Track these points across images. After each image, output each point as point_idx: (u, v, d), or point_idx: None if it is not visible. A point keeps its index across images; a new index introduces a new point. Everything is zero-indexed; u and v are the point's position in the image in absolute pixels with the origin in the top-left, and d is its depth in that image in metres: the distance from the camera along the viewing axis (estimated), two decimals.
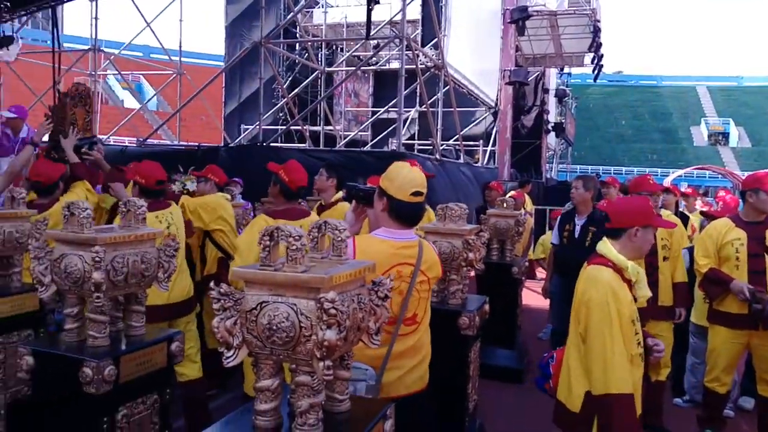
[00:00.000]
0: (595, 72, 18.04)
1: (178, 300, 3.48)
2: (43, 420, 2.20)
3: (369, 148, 14.53)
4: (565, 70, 23.57)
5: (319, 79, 14.68)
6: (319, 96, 14.23)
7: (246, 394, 3.12)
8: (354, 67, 14.41)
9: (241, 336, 1.48)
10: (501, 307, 4.70)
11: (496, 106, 15.09)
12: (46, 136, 4.34)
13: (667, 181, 9.96)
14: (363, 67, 15.60)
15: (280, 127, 12.85)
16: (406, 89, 9.45)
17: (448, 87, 11.68)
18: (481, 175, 11.79)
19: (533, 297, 7.24)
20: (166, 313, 3.36)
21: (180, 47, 13.14)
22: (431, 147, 11.49)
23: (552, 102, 22.41)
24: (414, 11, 13.49)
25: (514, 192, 7.60)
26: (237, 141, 13.14)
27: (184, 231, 3.72)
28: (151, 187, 3.49)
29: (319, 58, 15.14)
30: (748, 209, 3.74)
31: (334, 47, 16.31)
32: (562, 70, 23.15)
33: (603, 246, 2.37)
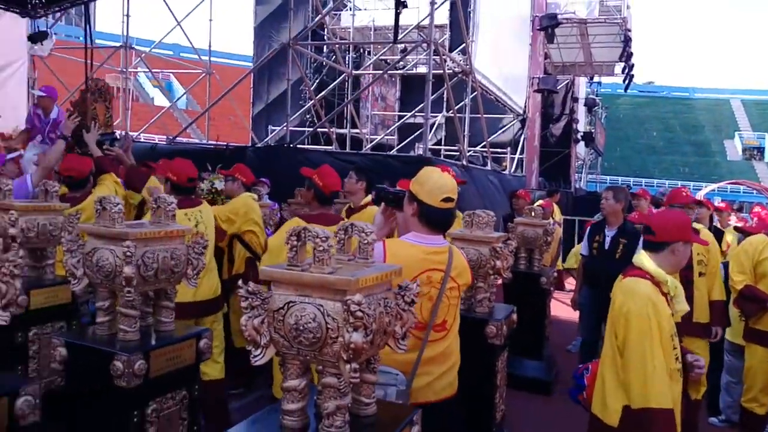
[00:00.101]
0: (626, 82, 17.82)
1: (204, 298, 3.50)
2: (76, 411, 2.24)
3: (395, 152, 14.53)
4: (595, 79, 23.31)
5: (346, 82, 14.75)
6: (345, 99, 14.30)
7: (274, 396, 3.13)
8: (381, 71, 14.45)
9: (268, 335, 1.49)
10: (529, 317, 4.66)
11: (524, 113, 14.98)
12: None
13: (700, 195, 9.75)
14: (390, 71, 15.63)
15: (306, 128, 12.94)
16: (433, 94, 9.44)
17: (475, 93, 11.63)
18: (508, 182, 11.70)
19: (562, 308, 7.16)
20: (192, 311, 3.38)
21: (209, 47, 13.31)
22: (458, 153, 11.45)
23: (581, 111, 22.17)
24: (442, 16, 13.46)
25: (542, 201, 7.52)
26: (264, 141, 13.25)
27: (215, 235, 3.74)
28: (182, 183, 3.53)
29: (347, 61, 15.22)
30: None
31: (362, 50, 16.38)
32: (591, 79, 22.89)
33: (640, 258, 2.33)
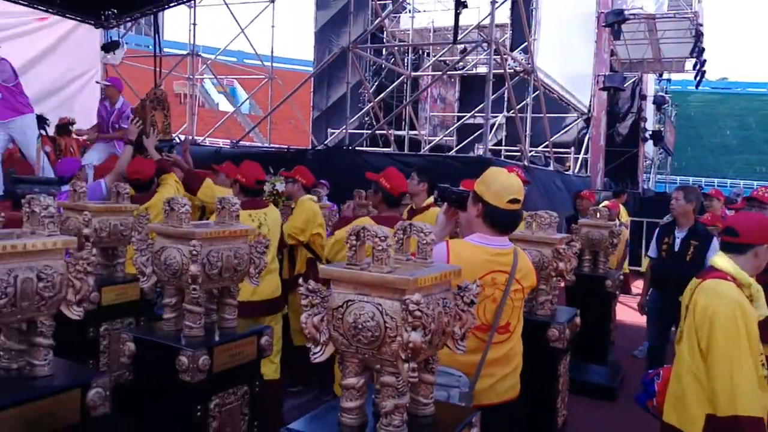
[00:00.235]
0: (698, 78, 16.99)
1: (264, 298, 3.55)
2: (143, 404, 2.33)
3: (454, 153, 14.43)
4: (665, 75, 22.40)
5: (404, 84, 14.77)
6: (404, 100, 14.31)
7: (335, 393, 3.16)
8: (440, 72, 14.38)
9: (327, 333, 1.50)
10: (593, 321, 4.53)
11: (588, 112, 14.56)
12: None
13: None
14: (449, 72, 15.54)
15: (365, 131, 13.03)
16: (493, 94, 9.31)
17: (537, 92, 11.40)
18: (572, 183, 11.40)
19: (628, 312, 6.93)
20: (251, 310, 3.42)
21: (272, 52, 13.61)
22: (519, 153, 11.25)
23: (650, 109, 21.34)
24: (502, 15, 13.28)
25: (608, 202, 7.31)
26: (323, 144, 13.44)
27: (279, 238, 3.79)
28: (250, 185, 3.62)
29: (406, 63, 15.23)
30: None
31: (421, 52, 16.37)
32: (661, 75, 22.02)
33: (721, 260, 2.22)
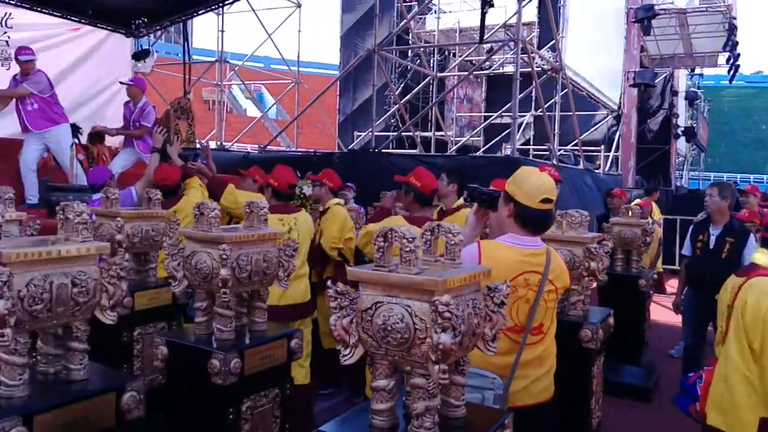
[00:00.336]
0: (731, 73, 16.56)
1: (292, 302, 3.55)
2: (176, 407, 2.36)
3: (481, 153, 14.34)
4: (697, 71, 21.91)
5: (430, 85, 14.72)
6: (430, 102, 14.27)
7: (366, 396, 3.16)
8: (466, 72, 14.30)
9: (357, 335, 1.50)
10: (627, 321, 4.48)
11: (619, 109, 14.32)
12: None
13: None
14: (476, 72, 15.45)
15: (391, 133, 13.03)
16: (520, 93, 9.22)
17: (566, 90, 11.25)
18: (602, 182, 11.22)
19: (662, 312, 6.81)
20: (281, 315, 3.41)
21: (298, 57, 13.70)
22: (548, 152, 11.12)
23: (682, 105, 20.88)
24: (530, 13, 13.15)
25: (639, 200, 7.19)
26: (350, 147, 13.48)
27: (309, 241, 3.80)
28: (283, 190, 3.65)
29: (431, 64, 15.19)
30: None
31: (447, 52, 16.30)
32: (692, 71, 21.55)
33: (764, 257, 2.18)
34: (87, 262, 1.80)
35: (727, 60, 16.53)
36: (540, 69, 11.35)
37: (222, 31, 12.59)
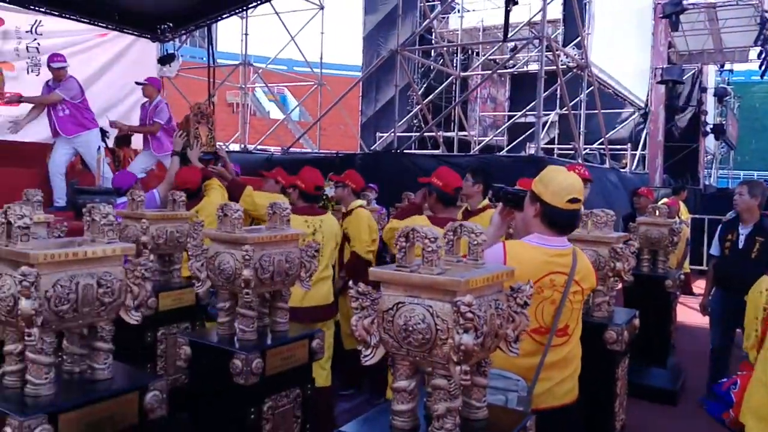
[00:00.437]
0: (763, 67, 16.15)
1: (316, 304, 3.51)
2: (198, 407, 2.38)
3: (505, 153, 14.23)
4: (726, 66, 21.43)
5: (453, 85, 14.65)
6: (453, 101, 14.20)
7: (387, 397, 3.14)
8: (490, 71, 14.21)
9: (378, 335, 1.49)
10: (652, 322, 4.40)
11: (646, 107, 14.08)
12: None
13: None
14: (499, 71, 15.34)
15: (414, 133, 13.00)
16: (545, 91, 9.12)
17: (591, 87, 11.10)
18: (629, 181, 11.05)
19: (689, 314, 6.68)
20: (303, 316, 3.37)
21: (321, 59, 13.76)
22: (573, 151, 10.98)
23: (711, 102, 20.44)
24: (555, 11, 13.02)
25: (667, 199, 7.07)
26: (372, 148, 13.49)
27: (334, 244, 3.78)
28: (309, 191, 3.65)
29: (454, 64, 15.12)
30: None
31: (470, 52, 16.22)
32: (722, 66, 21.09)
33: None
34: (112, 263, 1.82)
35: (759, 55, 16.11)
36: (565, 67, 11.23)
37: (246, 34, 12.72)
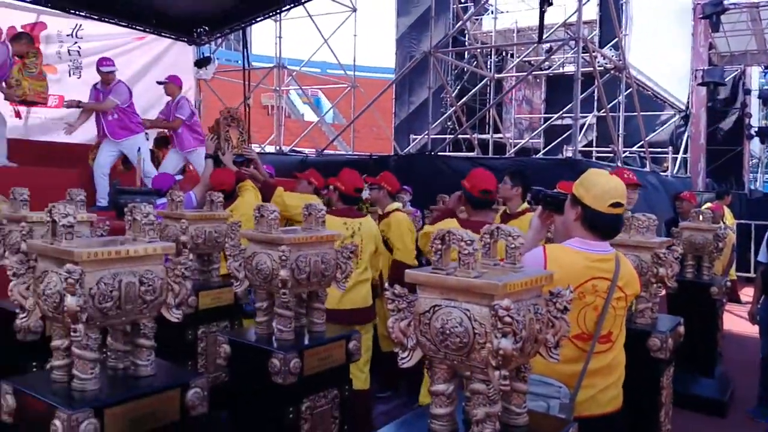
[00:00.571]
0: None
1: (353, 307, 3.50)
2: (237, 405, 2.40)
3: (541, 155, 14.04)
4: None
5: (488, 87, 14.54)
6: (488, 103, 14.09)
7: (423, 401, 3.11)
8: (525, 73, 14.05)
9: (415, 338, 1.48)
10: (698, 330, 4.29)
11: (687, 109, 13.73)
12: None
13: None
14: (535, 72, 15.16)
15: (448, 136, 12.94)
16: (582, 93, 8.97)
17: (630, 89, 10.88)
18: (670, 184, 10.78)
19: (737, 322, 6.52)
20: (340, 318, 3.32)
21: (354, 61, 13.80)
22: (612, 154, 10.77)
23: (755, 104, 19.84)
24: (591, 11, 12.80)
25: (710, 204, 6.88)
26: (406, 150, 13.46)
27: (373, 247, 3.76)
28: (349, 193, 3.66)
29: (488, 65, 15.00)
30: None
31: (504, 53, 16.08)
32: (766, 68, 20.42)
33: None
34: (154, 261, 1.86)
35: None
36: (602, 68, 11.03)
37: (280, 37, 12.84)
